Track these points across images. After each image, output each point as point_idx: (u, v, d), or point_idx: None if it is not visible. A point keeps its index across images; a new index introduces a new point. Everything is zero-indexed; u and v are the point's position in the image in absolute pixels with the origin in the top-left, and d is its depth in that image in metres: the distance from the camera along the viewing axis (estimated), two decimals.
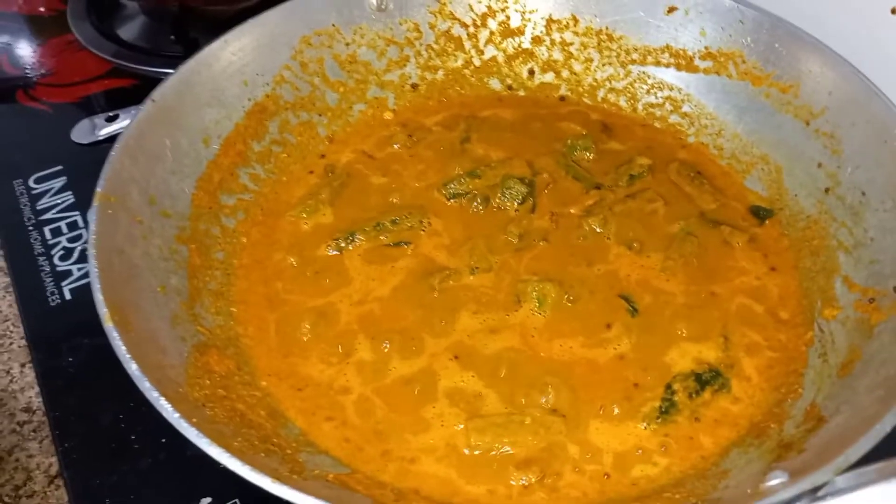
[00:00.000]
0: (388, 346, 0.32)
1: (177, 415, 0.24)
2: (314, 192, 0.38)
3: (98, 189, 0.30)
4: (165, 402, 0.25)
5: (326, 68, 0.41)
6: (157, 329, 0.29)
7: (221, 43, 0.36)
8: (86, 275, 0.43)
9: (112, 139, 0.51)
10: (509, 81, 0.44)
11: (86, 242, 0.45)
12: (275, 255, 0.35)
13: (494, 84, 0.44)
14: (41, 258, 0.44)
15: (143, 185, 0.31)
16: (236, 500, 0.35)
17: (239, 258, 0.35)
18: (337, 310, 0.33)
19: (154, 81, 0.55)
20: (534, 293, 0.33)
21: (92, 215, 0.29)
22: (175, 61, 0.55)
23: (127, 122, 0.51)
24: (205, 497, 0.34)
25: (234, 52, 0.37)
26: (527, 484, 0.27)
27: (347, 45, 0.41)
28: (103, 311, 0.26)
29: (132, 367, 0.25)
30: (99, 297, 0.27)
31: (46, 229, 0.46)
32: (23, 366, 0.40)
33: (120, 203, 0.30)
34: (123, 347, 0.26)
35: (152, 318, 0.29)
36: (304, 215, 0.37)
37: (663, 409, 0.30)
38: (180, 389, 0.29)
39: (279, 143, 0.39)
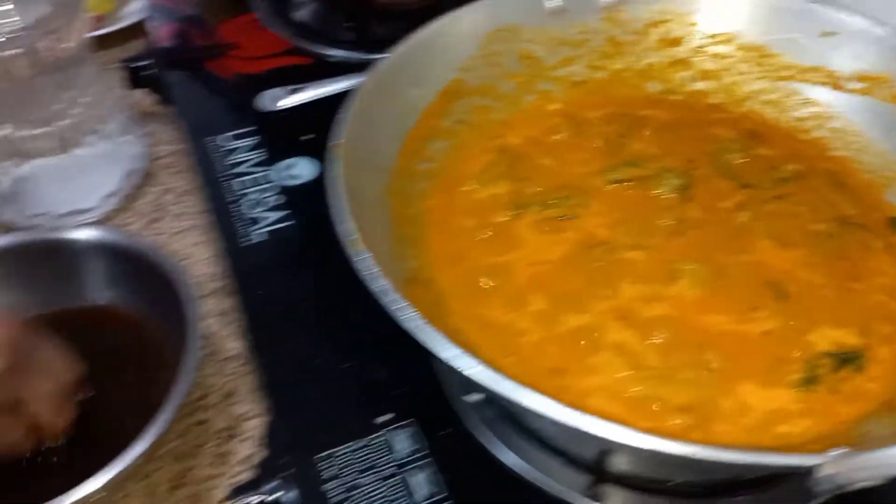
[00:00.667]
0: (558, 302, 0.36)
1: (431, 327, 0.29)
2: (489, 167, 0.43)
3: (335, 141, 0.36)
4: (416, 314, 0.30)
5: (505, 61, 0.46)
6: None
7: (428, 32, 0.42)
8: (277, 220, 0.50)
9: (293, 109, 0.58)
10: (665, 86, 0.48)
11: (274, 194, 0.52)
12: (456, 217, 0.41)
13: (652, 87, 0.48)
14: (232, 206, 0.51)
15: (364, 144, 0.37)
16: (409, 421, 0.40)
17: (427, 215, 0.40)
18: (512, 268, 0.39)
19: (328, 62, 0.62)
20: (687, 272, 0.37)
21: (331, 163, 0.35)
22: (349, 46, 0.62)
23: (307, 95, 0.58)
24: (383, 415, 0.40)
25: (436, 40, 0.43)
26: (684, 425, 0.32)
27: (527, 42, 0.46)
28: (353, 237, 0.32)
29: (381, 283, 0.30)
30: (349, 225, 0.32)
31: (237, 181, 0.52)
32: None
33: (349, 154, 0.35)
34: (376, 267, 0.31)
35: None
36: (481, 186, 0.42)
37: (805, 380, 0.33)
38: None
39: (461, 122, 0.44)
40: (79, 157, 0.59)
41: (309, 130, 0.56)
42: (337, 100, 0.60)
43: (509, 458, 0.38)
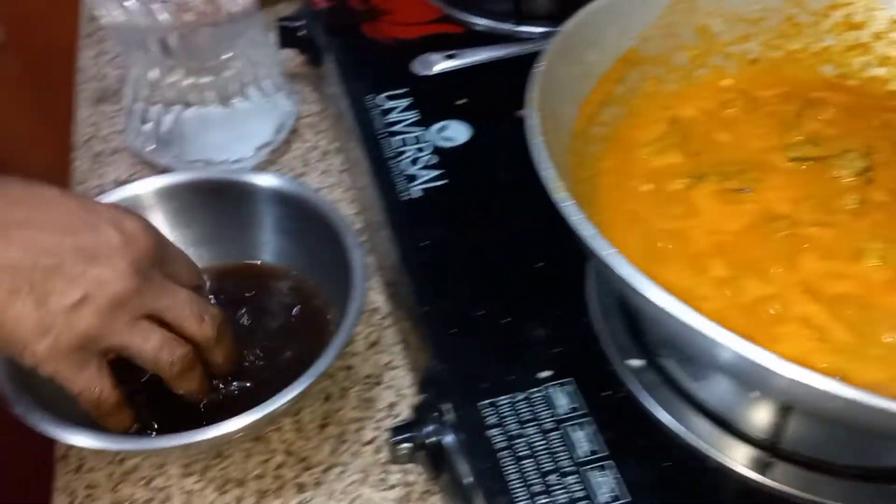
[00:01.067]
0: (741, 271, 0.36)
1: (642, 273, 0.29)
2: (662, 137, 0.43)
3: (530, 95, 0.36)
4: (624, 258, 0.30)
5: (682, 33, 0.46)
6: None
7: (606, 2, 0.42)
8: (432, 179, 0.51)
9: (447, 74, 0.59)
10: (841, 70, 0.47)
11: (428, 154, 0.53)
12: (631, 181, 0.41)
13: (827, 70, 0.47)
14: (391, 161, 0.52)
15: (549, 104, 0.37)
16: (568, 379, 0.40)
17: (602, 178, 0.41)
18: (690, 234, 0.38)
19: (477, 32, 0.63)
20: (875, 251, 0.36)
21: (530, 119, 0.35)
22: (500, 17, 0.63)
23: (462, 61, 0.59)
24: (544, 371, 0.41)
25: (619, 7, 0.43)
26: None
27: (705, 16, 0.46)
28: (563, 194, 0.32)
29: (590, 229, 0.31)
30: (558, 183, 0.33)
31: (396, 139, 0.54)
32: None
33: (543, 115, 0.36)
34: (592, 228, 0.31)
35: None
36: (655, 154, 0.42)
37: None
38: None
39: (634, 90, 0.44)
40: (237, 108, 0.61)
41: (462, 95, 0.57)
42: (490, 67, 0.62)
43: (672, 425, 0.38)
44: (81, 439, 0.39)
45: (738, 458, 0.37)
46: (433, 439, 0.40)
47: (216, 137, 0.62)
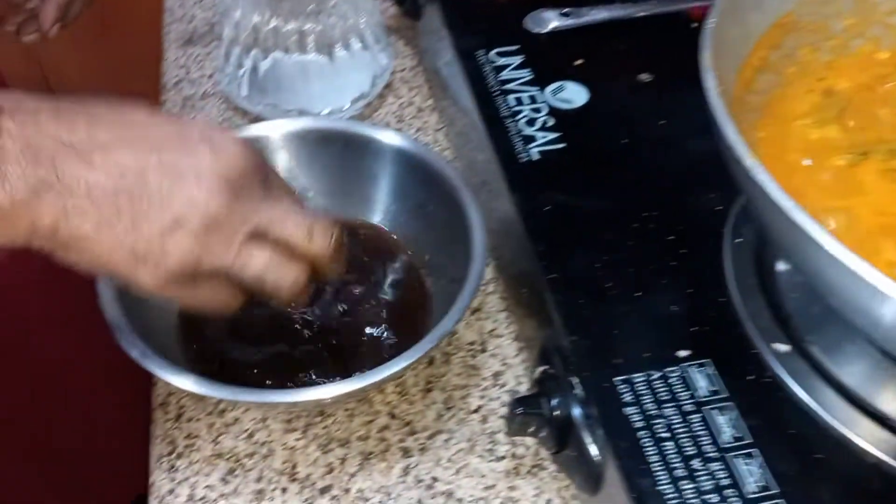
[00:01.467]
0: None
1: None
2: (818, 109, 0.40)
3: (705, 53, 0.34)
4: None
5: (841, 1, 0.43)
6: None
7: None
8: (549, 141, 0.48)
9: (562, 33, 0.56)
10: None
11: (545, 115, 0.50)
12: (790, 153, 0.38)
13: None
14: (508, 120, 0.50)
15: (726, 64, 0.35)
16: (706, 360, 0.38)
17: (759, 148, 0.38)
18: (857, 214, 0.36)
19: None
20: None
21: (707, 81, 0.33)
22: None
23: (579, 20, 0.56)
24: (682, 350, 0.38)
25: None
26: None
27: None
28: (754, 160, 0.30)
29: (786, 202, 0.28)
30: (747, 150, 0.30)
31: (511, 97, 0.51)
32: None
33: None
34: (774, 182, 0.29)
35: None
36: (811, 126, 0.39)
37: None
38: None
39: (788, 57, 0.42)
40: (337, 58, 0.59)
41: (578, 56, 0.54)
42: (607, 28, 0.59)
43: (822, 415, 0.36)
44: (199, 386, 0.37)
45: (893, 454, 0.35)
46: (559, 413, 0.38)
47: (313, 87, 0.59)
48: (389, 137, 0.48)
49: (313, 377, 0.43)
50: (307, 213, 0.37)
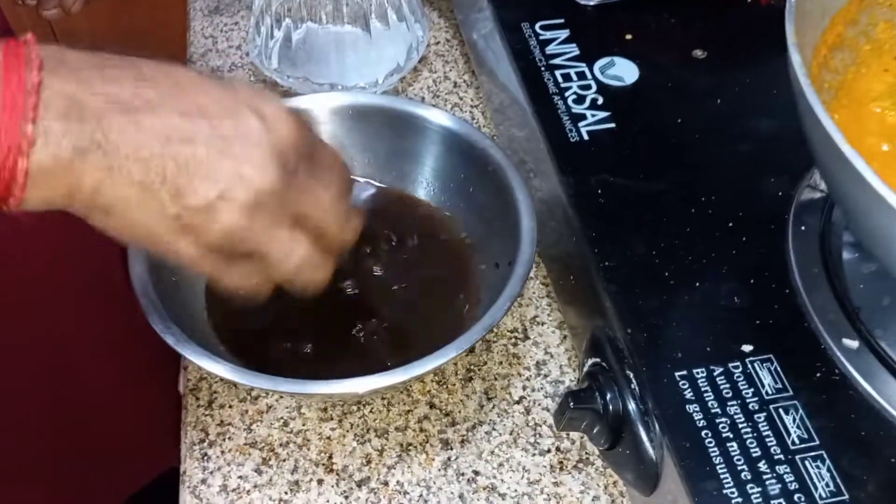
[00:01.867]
0: None
1: None
2: (895, 90, 0.38)
3: (790, 29, 0.31)
4: None
5: None
6: None
7: None
8: (599, 120, 0.46)
9: (610, 6, 0.54)
10: None
11: (593, 93, 0.48)
12: (868, 138, 0.36)
13: None
14: (556, 97, 0.47)
15: (803, 40, 0.32)
16: (771, 356, 0.36)
17: None
18: None
19: None
20: None
21: (794, 58, 0.30)
22: None
23: None
24: (746, 344, 0.36)
25: None
26: None
27: None
28: (849, 147, 0.28)
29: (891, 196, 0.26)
30: (841, 134, 0.28)
31: (558, 73, 0.49)
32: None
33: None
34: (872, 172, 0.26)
35: None
36: (889, 109, 0.37)
37: None
38: None
39: (864, 34, 0.39)
40: (373, 29, 0.57)
41: (627, 31, 0.51)
42: (657, 0, 0.56)
43: (894, 415, 0.34)
44: (232, 373, 0.36)
45: None
46: (613, 409, 0.36)
47: (346, 60, 0.57)
48: (436, 115, 0.45)
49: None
50: (346, 203, 0.36)
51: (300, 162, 0.33)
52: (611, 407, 0.36)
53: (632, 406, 0.36)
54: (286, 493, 0.39)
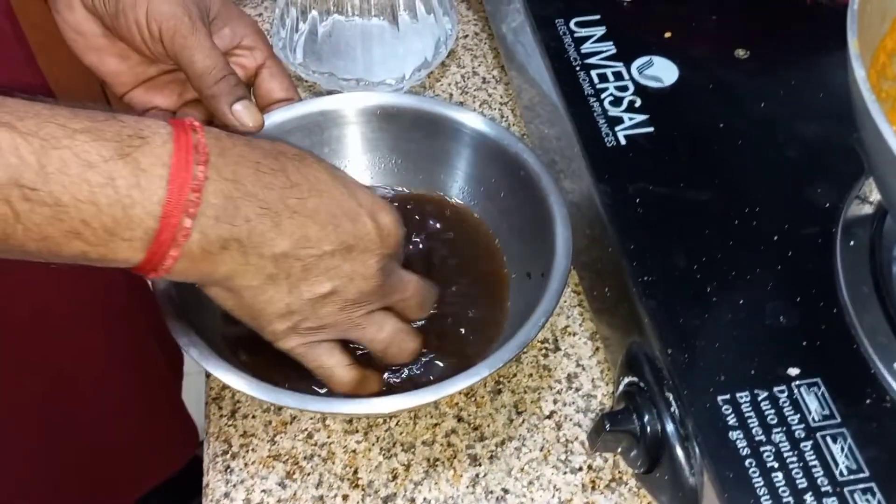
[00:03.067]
0: None
1: None
2: None
3: (852, 34, 0.29)
4: None
5: None
6: None
7: None
8: (637, 124, 0.44)
9: (647, 1, 0.52)
10: None
11: (631, 94, 0.46)
12: None
13: None
14: (591, 99, 0.46)
15: (863, 46, 0.30)
16: (818, 380, 0.35)
17: None
18: None
19: None
20: None
21: (855, 64, 0.28)
22: None
23: None
24: (792, 367, 0.35)
25: None
26: None
27: None
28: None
29: None
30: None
31: (593, 73, 0.47)
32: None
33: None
34: None
35: None
36: None
37: None
38: None
39: None
40: (401, 22, 0.55)
41: (666, 28, 0.49)
42: None
43: None
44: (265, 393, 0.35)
45: None
46: (651, 432, 0.35)
47: (374, 54, 0.55)
48: (467, 117, 0.44)
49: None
50: (426, 289, 0.40)
51: (395, 260, 0.37)
52: (648, 429, 0.35)
53: (671, 429, 0.34)
54: None
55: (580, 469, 0.40)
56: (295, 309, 0.34)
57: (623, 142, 0.43)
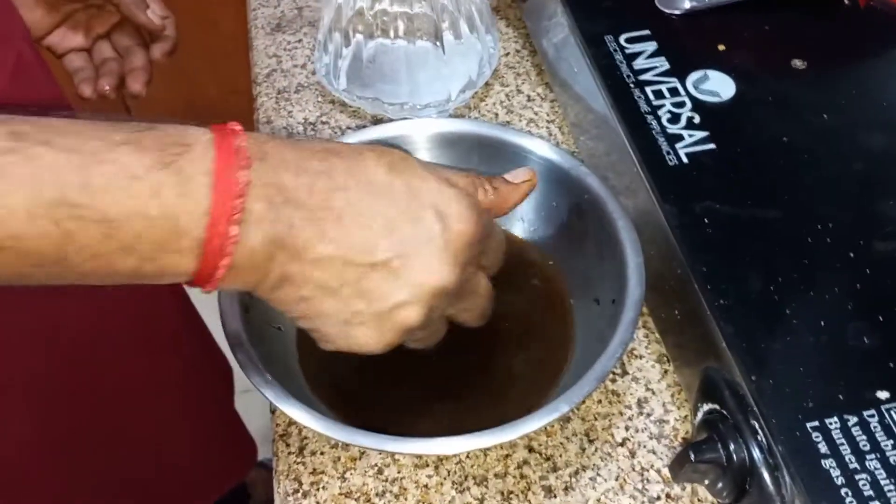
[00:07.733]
0: None
1: None
2: None
3: None
4: None
5: None
6: None
7: None
8: (699, 141, 0.43)
9: (700, 14, 0.51)
10: None
11: (689, 111, 0.45)
12: None
13: None
14: (649, 117, 0.45)
15: None
16: None
17: None
18: None
19: None
20: None
21: None
22: None
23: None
24: (881, 390, 0.34)
25: None
26: None
27: None
28: None
29: None
30: None
31: (648, 90, 0.46)
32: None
33: None
34: None
35: None
36: None
37: None
38: None
39: None
40: (446, 43, 0.54)
41: (720, 41, 0.48)
42: (750, 7, 0.52)
43: None
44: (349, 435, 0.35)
45: None
46: (738, 461, 0.34)
47: (418, 77, 0.55)
48: (526, 141, 0.43)
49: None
50: (491, 298, 0.38)
51: (472, 255, 0.35)
52: (735, 459, 0.34)
53: (759, 458, 0.33)
54: None
55: (658, 498, 0.39)
56: (371, 318, 0.33)
57: (685, 160, 0.43)
